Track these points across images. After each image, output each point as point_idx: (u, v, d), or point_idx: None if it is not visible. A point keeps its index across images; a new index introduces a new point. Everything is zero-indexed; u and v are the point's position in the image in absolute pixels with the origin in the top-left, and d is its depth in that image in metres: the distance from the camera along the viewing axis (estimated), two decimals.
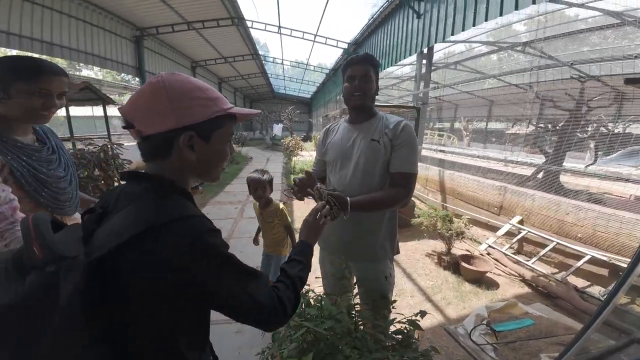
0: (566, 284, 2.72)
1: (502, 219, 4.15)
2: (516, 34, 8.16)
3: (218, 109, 0.64)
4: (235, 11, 9.37)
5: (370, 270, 1.41)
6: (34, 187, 1.00)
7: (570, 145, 4.90)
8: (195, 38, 11.37)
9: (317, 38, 11.59)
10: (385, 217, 1.37)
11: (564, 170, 4.64)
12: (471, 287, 2.89)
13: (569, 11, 5.96)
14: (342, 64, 1.38)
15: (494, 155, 7.88)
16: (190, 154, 0.62)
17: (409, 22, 6.84)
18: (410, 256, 3.55)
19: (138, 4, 8.23)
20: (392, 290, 1.47)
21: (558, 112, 5.57)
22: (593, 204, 3.35)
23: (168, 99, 0.58)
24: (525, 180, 5.31)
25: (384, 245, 1.39)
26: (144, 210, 0.57)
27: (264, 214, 2.16)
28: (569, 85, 5.14)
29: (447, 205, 5.27)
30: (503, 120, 13.96)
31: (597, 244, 3.08)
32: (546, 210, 3.59)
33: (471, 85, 12.00)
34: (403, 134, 1.28)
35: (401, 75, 13.83)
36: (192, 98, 0.60)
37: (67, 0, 7.05)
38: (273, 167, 10.36)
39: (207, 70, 16.55)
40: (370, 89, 1.31)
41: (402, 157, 1.28)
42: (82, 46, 7.74)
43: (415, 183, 1.32)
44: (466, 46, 9.53)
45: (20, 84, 0.93)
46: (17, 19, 5.86)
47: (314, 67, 18.52)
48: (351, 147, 1.36)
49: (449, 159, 7.30)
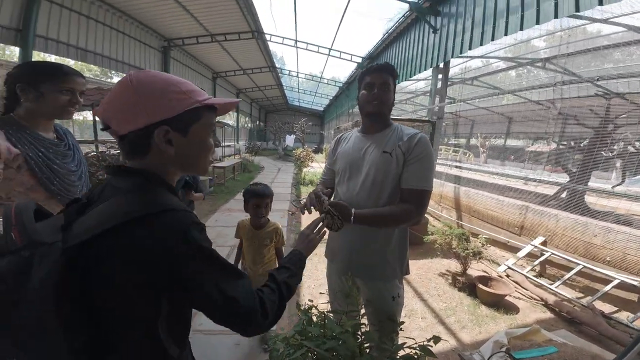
0: (592, 310, 2.53)
1: (523, 239, 3.91)
2: (536, 50, 8.00)
3: (192, 101, 0.63)
4: (256, 25, 9.71)
5: (378, 289, 1.32)
6: (46, 176, 1.11)
7: (596, 165, 4.64)
8: (217, 50, 11.80)
9: (331, 52, 11.80)
10: (395, 234, 1.28)
11: (590, 190, 4.37)
12: (488, 310, 2.69)
13: (591, 27, 5.80)
14: (357, 74, 1.34)
15: (513, 172, 7.59)
16: (169, 149, 0.62)
17: (424, 36, 6.84)
18: (422, 275, 3.37)
19: (167, 16, 8.62)
20: (400, 311, 1.37)
21: (582, 130, 5.33)
22: (623, 225, 3.11)
23: (137, 95, 0.58)
24: (548, 200, 5.03)
25: (393, 264, 1.30)
26: (129, 201, 0.57)
27: (260, 236, 1.82)
28: (594, 102, 4.93)
29: (462, 223, 5.05)
30: (522, 138, 13.55)
31: (627, 267, 2.86)
32: (571, 232, 3.36)
33: (488, 101, 11.78)
34: (418, 148, 1.20)
35: (415, 90, 13.79)
36: (162, 93, 0.60)
37: (102, 9, 7.43)
38: (284, 177, 10.39)
39: (226, 81, 17.09)
40: (388, 99, 1.26)
41: (415, 172, 1.19)
42: (114, 54, 8.08)
43: (428, 201, 1.23)
44: (483, 62, 9.42)
45: (49, 84, 1.09)
46: (55, 25, 6.18)
47: (328, 81, 18.81)
48: (362, 157, 1.29)
49: (465, 175, 7.08)
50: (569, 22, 5.41)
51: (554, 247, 3.49)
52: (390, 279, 1.31)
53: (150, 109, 0.58)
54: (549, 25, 5.12)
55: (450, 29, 5.75)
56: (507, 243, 4.07)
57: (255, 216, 1.78)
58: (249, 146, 20.14)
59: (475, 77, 9.66)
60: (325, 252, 1.52)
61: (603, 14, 4.64)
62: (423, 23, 6.67)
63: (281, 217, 5.29)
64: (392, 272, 1.31)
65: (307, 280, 3.07)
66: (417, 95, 14.07)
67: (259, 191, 1.76)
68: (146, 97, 0.58)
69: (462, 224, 5.01)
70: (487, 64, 9.53)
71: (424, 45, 6.90)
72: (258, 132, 28.89)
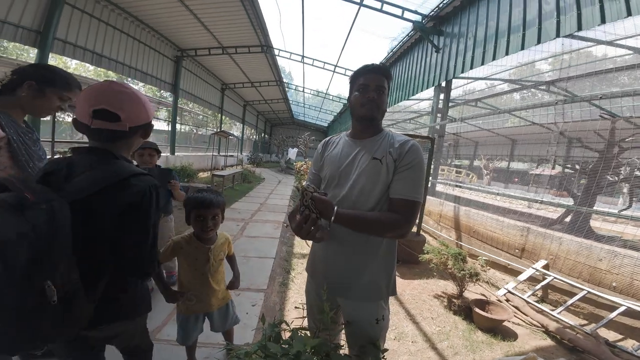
0: (596, 337, 2.37)
1: (524, 262, 3.72)
2: (539, 73, 8.03)
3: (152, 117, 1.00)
4: (266, 39, 9.98)
5: (359, 310, 1.18)
6: (25, 159, 1.21)
7: (601, 189, 4.48)
8: (227, 62, 12.12)
9: (337, 69, 12.03)
10: (382, 250, 1.17)
11: (595, 213, 4.20)
12: (484, 336, 2.49)
13: (596, 50, 5.81)
14: (352, 75, 1.26)
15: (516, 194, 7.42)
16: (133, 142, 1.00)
17: (427, 55, 6.93)
18: (416, 296, 3.17)
19: (183, 27, 8.91)
20: (384, 336, 1.22)
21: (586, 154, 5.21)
22: (630, 250, 2.94)
23: (142, 100, 0.96)
24: (552, 223, 4.84)
25: (378, 283, 1.17)
26: (110, 169, 0.85)
27: (215, 250, 1.57)
28: (597, 124, 4.84)
29: (461, 243, 4.86)
30: (526, 160, 13.41)
31: (634, 294, 2.69)
32: (575, 256, 3.18)
33: (492, 123, 11.77)
34: (409, 156, 1.11)
35: (418, 110, 13.89)
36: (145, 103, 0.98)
37: (121, 17, 7.68)
38: (283, 189, 10.32)
39: (234, 92, 17.46)
40: (383, 102, 1.18)
41: (406, 181, 1.10)
42: (128, 61, 8.28)
43: (417, 213, 1.12)
44: (487, 84, 9.48)
45: (53, 89, 1.23)
46: (74, 29, 6.38)
47: (333, 97, 19.11)
48: (350, 164, 1.20)
49: (466, 196, 6.92)
50: (571, 44, 5.42)
51: (556, 271, 3.30)
52: (375, 300, 1.18)
53: (143, 113, 0.93)
54: (553, 47, 5.13)
55: (453, 48, 5.82)
56: (508, 266, 3.87)
57: (204, 230, 1.48)
58: (251, 157, 20.23)
59: (479, 98, 9.71)
60: (306, 267, 1.41)
61: (607, 35, 4.63)
62: (426, 42, 6.77)
63: (274, 228, 5.16)
64: (377, 292, 1.18)
65: (294, 295, 2.91)
66: (421, 115, 14.16)
67: (207, 199, 1.44)
68: (143, 105, 0.93)
69: (461, 244, 4.82)
70: (490, 86, 9.59)
71: (426, 64, 6.97)
72: (262, 144, 29.18)
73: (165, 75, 10.15)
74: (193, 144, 16.67)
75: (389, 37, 8.54)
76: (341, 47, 10.71)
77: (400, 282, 3.38)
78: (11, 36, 5.08)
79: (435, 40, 6.39)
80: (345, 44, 9.93)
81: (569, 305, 2.85)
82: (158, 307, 2.40)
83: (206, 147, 16.12)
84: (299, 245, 4.46)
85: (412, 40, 7.73)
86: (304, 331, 1.11)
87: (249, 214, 5.97)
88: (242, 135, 21.62)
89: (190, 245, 1.53)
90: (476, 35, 5.07)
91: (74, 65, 19.12)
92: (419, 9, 6.50)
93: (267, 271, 3.33)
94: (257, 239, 4.49)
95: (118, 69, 7.99)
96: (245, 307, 2.53)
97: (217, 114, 16.63)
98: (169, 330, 2.14)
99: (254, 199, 7.79)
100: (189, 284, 1.55)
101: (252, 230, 4.95)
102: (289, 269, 3.48)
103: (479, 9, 5.09)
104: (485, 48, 4.84)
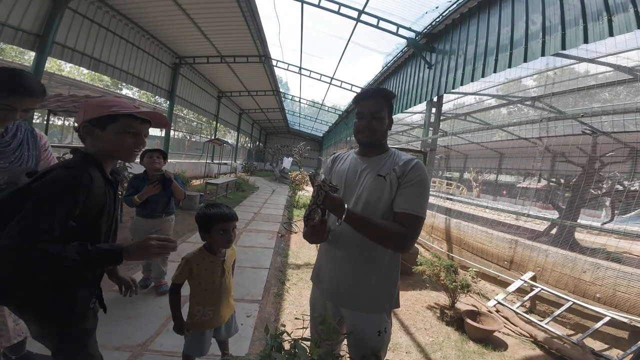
0: (582, 347, 2.46)
1: (512, 273, 3.82)
2: (526, 89, 8.39)
3: (110, 110, 1.01)
4: (264, 50, 10.10)
5: (363, 321, 1.22)
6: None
7: (584, 202, 4.67)
8: (225, 70, 12.17)
9: (333, 81, 12.26)
10: (386, 262, 1.21)
11: (579, 226, 4.36)
12: (476, 346, 2.55)
13: (579, 67, 6.13)
14: (352, 100, 1.36)
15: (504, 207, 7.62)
16: (90, 139, 1.04)
17: (420, 71, 7.17)
18: (409, 307, 3.22)
19: (182, 35, 8.96)
20: (386, 348, 1.26)
21: (570, 167, 5.43)
22: (612, 262, 3.07)
23: (84, 106, 1.05)
24: (538, 236, 4.99)
25: (382, 296, 1.21)
26: (59, 164, 1.02)
27: (227, 261, 1.63)
28: (580, 140, 5.08)
29: (452, 255, 4.95)
30: (514, 174, 13.80)
31: (617, 304, 2.80)
32: (561, 267, 3.29)
33: (481, 137, 12.11)
34: (412, 172, 1.16)
35: (411, 122, 14.21)
36: (96, 106, 1.03)
37: (122, 23, 7.68)
38: (277, 199, 10.30)
39: (230, 100, 17.49)
40: (380, 126, 1.23)
41: (409, 196, 1.14)
42: (126, 66, 8.23)
43: (420, 228, 1.17)
44: (476, 99, 9.83)
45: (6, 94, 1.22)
46: (74, 34, 6.36)
47: (328, 108, 19.37)
48: (356, 180, 1.26)
49: (456, 208, 7.07)
50: (555, 62, 5.71)
51: (543, 282, 3.40)
52: (378, 312, 1.21)
53: (85, 113, 1.02)
54: (538, 64, 5.40)
55: (444, 65, 6.05)
56: (497, 277, 3.96)
57: (227, 242, 1.54)
58: (245, 165, 20.17)
59: (468, 112, 10.03)
60: (312, 276, 1.44)
61: (589, 53, 4.89)
62: (419, 59, 7.02)
63: (269, 238, 5.15)
64: (380, 305, 1.21)
65: (289, 306, 2.91)
66: (413, 128, 14.48)
67: (229, 215, 1.53)
68: (87, 107, 1.03)
69: (453, 255, 4.91)
70: (479, 100, 9.93)
71: (419, 80, 7.21)
72: (257, 153, 29.15)
73: (161, 82, 10.15)
74: (186, 150, 16.56)
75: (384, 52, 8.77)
76: (338, 60, 10.95)
77: None
78: (10, 39, 5.04)
79: (427, 57, 6.63)
80: (342, 57, 10.17)
81: (556, 316, 2.94)
82: (149, 317, 2.38)
83: (200, 155, 16.04)
84: (293, 256, 4.47)
85: (405, 56, 7.98)
86: (305, 341, 1.15)
87: (243, 224, 5.94)
88: (237, 143, 21.58)
89: (205, 260, 1.55)
90: (466, 52, 5.30)
91: (68, 69, 18.93)
92: (413, 26, 6.76)
93: (261, 282, 3.33)
94: (252, 248, 4.48)
95: (115, 74, 7.96)
96: (240, 318, 2.52)
97: (211, 121, 16.61)
98: (162, 340, 2.12)
99: (247, 208, 7.76)
100: (204, 301, 1.55)
101: (246, 240, 4.94)
102: (284, 280, 3.48)
103: (469, 27, 5.34)
104: (475, 65, 5.06)
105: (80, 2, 6.26)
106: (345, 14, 6.95)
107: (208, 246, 1.59)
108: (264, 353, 1.10)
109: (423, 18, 6.52)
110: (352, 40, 8.86)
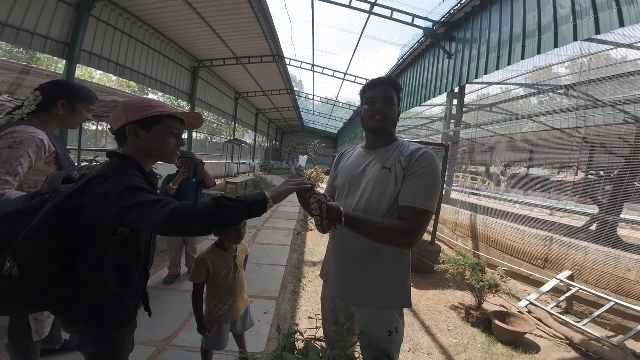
0: (623, 349, 2.25)
1: (547, 272, 3.54)
2: (557, 77, 7.79)
3: (154, 111, 0.98)
4: (277, 50, 10.22)
5: (372, 320, 1.16)
6: (67, 168, 1.38)
7: (628, 196, 4.25)
8: (241, 71, 12.45)
9: (346, 76, 12.09)
10: (394, 258, 1.14)
11: (622, 222, 3.97)
12: (505, 349, 2.37)
13: (616, 53, 5.58)
14: (361, 89, 1.28)
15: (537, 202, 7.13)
16: (135, 140, 0.99)
17: (439, 62, 6.87)
18: (431, 307, 3.07)
19: (200, 39, 9.27)
20: (398, 349, 1.19)
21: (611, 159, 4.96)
22: None
23: (123, 108, 0.98)
24: (576, 232, 4.61)
25: (391, 294, 1.14)
26: (101, 169, 0.93)
27: (239, 257, 1.68)
28: (622, 129, 4.62)
29: (479, 253, 4.69)
30: (547, 167, 12.93)
31: None
32: (602, 266, 3.01)
33: (509, 129, 11.44)
34: (419, 163, 1.07)
35: (431, 115, 13.71)
36: (137, 106, 0.98)
37: (143, 29, 8.04)
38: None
39: (247, 101, 17.85)
40: (392, 112, 1.18)
41: (415, 188, 1.06)
42: (149, 72, 8.62)
43: (427, 223, 1.08)
44: (502, 89, 9.28)
45: (83, 104, 1.46)
46: (100, 41, 6.73)
47: (342, 105, 19.17)
48: (361, 174, 1.20)
49: (483, 203, 6.71)
50: (590, 48, 5.25)
51: (582, 281, 3.13)
52: (388, 310, 1.15)
53: (128, 115, 0.96)
54: (570, 50, 4.99)
55: (466, 54, 5.75)
56: (530, 277, 3.70)
57: (237, 238, 1.60)
58: (263, 164, 20.48)
59: (494, 103, 9.50)
60: (321, 273, 1.40)
61: (627, 38, 4.45)
62: (438, 49, 6.73)
63: (286, 235, 5.15)
64: (390, 303, 1.14)
65: (305, 304, 2.87)
66: (433, 121, 13.98)
67: None
68: (128, 108, 0.97)
69: (479, 254, 4.65)
70: (506, 90, 9.37)
71: (438, 71, 6.91)
72: (274, 152, 29.53)
73: (183, 86, 10.51)
74: (208, 151, 17.07)
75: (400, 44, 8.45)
76: (351, 55, 10.77)
77: (415, 293, 3.29)
78: (41, 47, 5.37)
79: (447, 47, 6.34)
80: (355, 52, 10.00)
81: (595, 317, 2.71)
82: (173, 313, 2.43)
83: (220, 155, 16.47)
84: (309, 253, 4.43)
85: (423, 47, 7.70)
86: (318, 342, 1.10)
87: (261, 221, 6.00)
88: (255, 143, 21.96)
89: (219, 258, 1.59)
90: (489, 40, 5.00)
91: (98, 76, 20.07)
92: (430, 16, 6.49)
93: (278, 279, 3.31)
94: (269, 246, 4.50)
95: (140, 80, 8.33)
96: (258, 314, 2.52)
97: (230, 122, 17.01)
98: (184, 335, 2.16)
99: None
100: (221, 296, 1.60)
101: (263, 237, 4.97)
102: (300, 277, 3.45)
103: (491, 14, 5.03)
104: (499, 53, 4.75)
105: (102, 10, 6.58)
106: (357, 7, 6.79)
107: (219, 243, 1.64)
108: (275, 354, 1.06)
109: (440, 7, 6.24)
110: (365, 34, 8.67)
